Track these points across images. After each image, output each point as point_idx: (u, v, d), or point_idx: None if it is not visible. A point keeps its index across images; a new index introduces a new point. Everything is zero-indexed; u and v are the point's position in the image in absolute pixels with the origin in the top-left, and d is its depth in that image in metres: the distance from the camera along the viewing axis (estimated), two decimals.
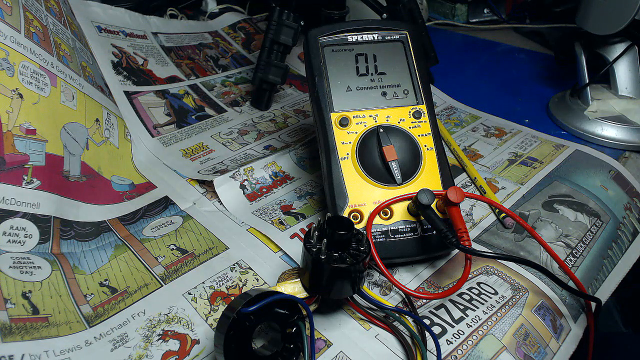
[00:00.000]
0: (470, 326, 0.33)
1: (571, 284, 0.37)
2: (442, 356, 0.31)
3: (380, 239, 0.37)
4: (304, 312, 0.30)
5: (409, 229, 0.37)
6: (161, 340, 0.32)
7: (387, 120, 0.40)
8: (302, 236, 0.42)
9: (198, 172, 0.50)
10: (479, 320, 0.34)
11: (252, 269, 0.39)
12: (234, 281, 0.37)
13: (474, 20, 0.96)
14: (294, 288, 0.32)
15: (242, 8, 0.85)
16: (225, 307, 0.28)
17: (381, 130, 0.39)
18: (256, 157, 0.52)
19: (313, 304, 0.32)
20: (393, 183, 0.38)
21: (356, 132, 0.39)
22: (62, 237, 0.39)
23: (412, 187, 0.38)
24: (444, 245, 0.37)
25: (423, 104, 0.41)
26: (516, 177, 0.50)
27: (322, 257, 0.30)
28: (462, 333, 0.33)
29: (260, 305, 0.27)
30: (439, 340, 0.32)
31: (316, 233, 0.31)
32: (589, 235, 0.43)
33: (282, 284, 0.32)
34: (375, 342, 0.33)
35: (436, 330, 0.33)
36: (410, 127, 0.40)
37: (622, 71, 0.57)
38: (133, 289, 0.36)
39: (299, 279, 0.32)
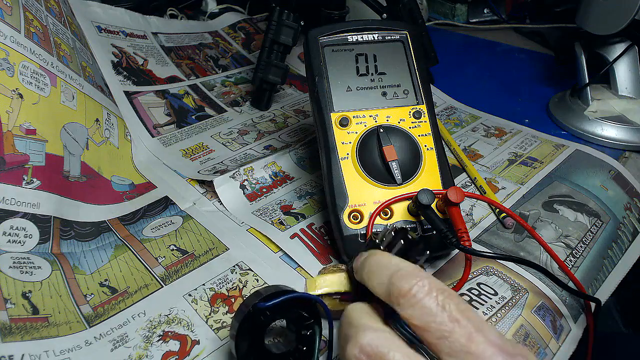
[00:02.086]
0: None
1: (571, 284, 0.37)
2: None
3: None
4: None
5: (409, 229, 0.37)
6: (161, 341, 0.32)
7: (387, 120, 0.40)
8: (302, 236, 0.42)
9: (198, 172, 0.50)
10: None
11: (252, 270, 0.39)
12: (234, 283, 0.37)
13: (474, 20, 0.96)
14: (337, 278, 0.31)
15: (242, 8, 0.85)
16: (244, 299, 0.28)
17: (381, 130, 0.39)
18: (256, 157, 0.52)
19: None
20: (393, 183, 0.38)
21: (356, 132, 0.39)
22: (62, 237, 0.39)
23: (412, 187, 0.38)
24: (444, 245, 0.37)
25: (423, 104, 0.41)
26: (516, 177, 0.50)
27: None
28: None
29: (277, 302, 0.27)
30: None
31: (384, 239, 0.29)
32: (589, 235, 0.43)
33: (323, 276, 0.31)
34: None
35: None
36: (410, 127, 0.40)
37: (622, 71, 0.57)
38: (133, 290, 0.36)
39: (343, 271, 0.31)
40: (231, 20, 0.81)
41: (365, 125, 0.39)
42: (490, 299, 0.36)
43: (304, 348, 0.29)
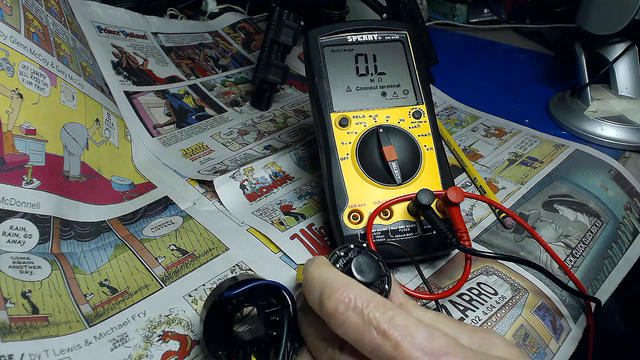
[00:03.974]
0: None
1: (571, 284, 0.37)
2: None
3: (380, 239, 0.37)
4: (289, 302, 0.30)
5: (409, 229, 0.37)
6: (161, 341, 0.32)
7: (387, 120, 0.40)
8: (302, 237, 0.42)
9: (198, 172, 0.50)
10: (479, 320, 0.34)
11: (252, 270, 0.39)
12: None
13: (474, 20, 0.96)
14: None
15: (242, 8, 0.85)
16: (212, 289, 0.29)
17: (381, 130, 0.39)
18: (256, 157, 0.52)
19: None
20: (393, 183, 0.38)
21: (356, 132, 0.39)
22: (62, 237, 0.39)
23: (412, 187, 0.38)
24: (444, 245, 0.37)
25: (423, 104, 0.41)
26: (516, 177, 0.50)
27: None
28: None
29: (243, 290, 0.28)
30: None
31: (341, 262, 0.28)
32: (589, 235, 0.43)
33: None
34: None
35: None
36: (410, 127, 0.40)
37: (622, 71, 0.57)
38: (133, 290, 0.36)
39: None
40: (231, 20, 0.81)
41: (365, 126, 0.39)
42: (490, 298, 0.36)
43: (274, 333, 0.30)
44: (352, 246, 0.28)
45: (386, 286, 0.27)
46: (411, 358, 0.20)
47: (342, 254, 0.28)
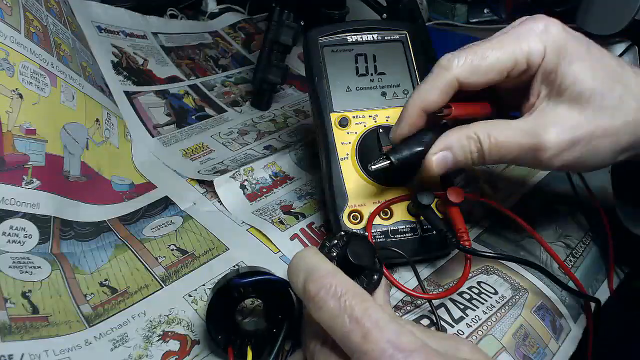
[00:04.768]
0: (470, 326, 0.34)
1: (571, 284, 0.37)
2: None
3: (380, 239, 0.37)
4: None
5: (408, 229, 0.37)
6: (161, 341, 0.32)
7: (387, 121, 0.40)
8: (302, 237, 0.42)
9: (198, 172, 0.50)
10: (479, 320, 0.34)
11: None
12: None
13: (474, 20, 0.96)
14: None
15: (242, 8, 0.85)
16: (221, 277, 0.30)
17: (381, 130, 0.39)
18: (256, 157, 0.52)
19: None
20: (393, 183, 0.38)
21: (356, 133, 0.39)
22: (62, 237, 0.39)
23: (411, 188, 0.38)
24: (444, 245, 0.37)
25: None
26: (516, 177, 0.50)
27: None
28: (461, 333, 0.33)
29: (252, 281, 0.28)
30: None
31: (334, 247, 0.29)
32: (589, 235, 0.43)
33: None
34: None
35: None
36: None
37: None
38: (133, 290, 0.36)
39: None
40: (231, 20, 0.81)
41: (364, 126, 0.39)
42: (491, 297, 0.36)
43: (274, 330, 0.30)
44: (353, 230, 0.30)
45: (377, 275, 0.29)
46: (377, 349, 0.21)
47: (343, 233, 0.30)
